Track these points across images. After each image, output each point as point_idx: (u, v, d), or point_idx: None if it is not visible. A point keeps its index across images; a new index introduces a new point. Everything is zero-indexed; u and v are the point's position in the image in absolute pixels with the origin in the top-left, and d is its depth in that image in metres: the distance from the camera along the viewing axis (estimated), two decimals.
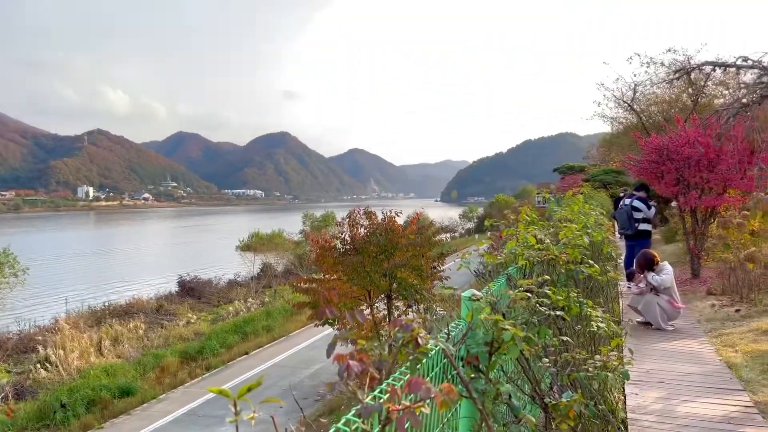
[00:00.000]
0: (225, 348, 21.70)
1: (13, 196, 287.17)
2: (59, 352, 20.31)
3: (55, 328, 23.87)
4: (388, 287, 14.68)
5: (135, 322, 25.59)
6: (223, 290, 35.50)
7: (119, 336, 23.41)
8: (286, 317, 25.73)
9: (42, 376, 19.04)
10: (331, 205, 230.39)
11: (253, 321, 24.75)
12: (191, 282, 35.12)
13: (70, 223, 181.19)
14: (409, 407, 1.35)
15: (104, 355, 21.31)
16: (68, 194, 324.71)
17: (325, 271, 15.33)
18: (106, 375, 18.07)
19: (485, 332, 2.38)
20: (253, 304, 30.56)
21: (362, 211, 15.46)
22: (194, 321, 27.63)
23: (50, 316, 27.69)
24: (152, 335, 24.24)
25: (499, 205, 64.05)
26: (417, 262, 14.58)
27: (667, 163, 10.81)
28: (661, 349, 6.60)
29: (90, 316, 27.23)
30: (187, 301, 31.95)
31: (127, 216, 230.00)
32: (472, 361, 2.38)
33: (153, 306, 30.15)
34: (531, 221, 4.83)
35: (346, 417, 1.44)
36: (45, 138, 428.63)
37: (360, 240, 14.72)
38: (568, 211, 6.13)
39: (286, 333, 24.05)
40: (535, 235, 3.97)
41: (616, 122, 28.83)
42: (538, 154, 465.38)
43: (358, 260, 14.18)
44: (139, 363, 19.72)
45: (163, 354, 20.61)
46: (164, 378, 18.55)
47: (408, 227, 15.22)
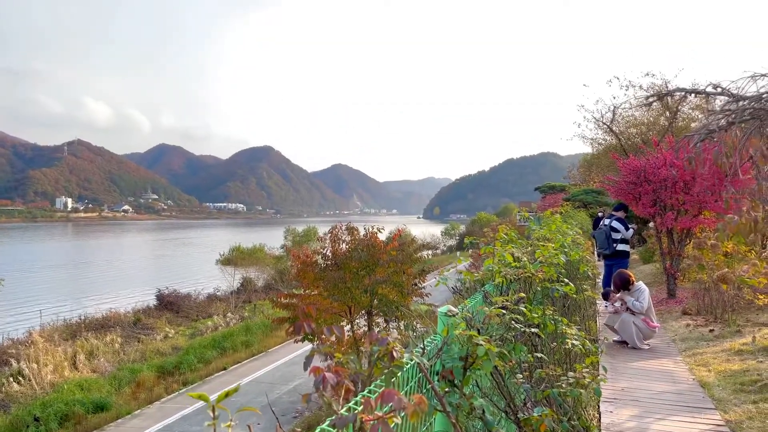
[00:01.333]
0: (203, 363, 21.47)
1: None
2: (32, 366, 19.91)
3: (29, 341, 23.40)
4: (368, 303, 14.68)
5: (111, 335, 25.21)
6: (203, 304, 35.11)
7: (95, 350, 23.04)
8: (266, 333, 25.54)
9: (14, 389, 18.64)
10: (313, 220, 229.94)
11: (232, 336, 24.52)
12: (170, 296, 34.70)
13: (46, 234, 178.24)
14: (383, 417, 1.39)
15: (79, 370, 20.94)
16: (46, 205, 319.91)
17: (306, 286, 15.29)
18: (81, 389, 17.76)
19: (460, 347, 2.44)
20: (233, 318, 30.29)
21: (344, 227, 15.49)
22: (172, 335, 27.30)
23: (24, 329, 27.15)
24: (129, 349, 23.88)
25: (480, 222, 64.50)
26: (398, 278, 14.61)
27: (644, 185, 11.03)
28: (637, 368, 6.70)
29: (65, 330, 26.76)
30: (165, 315, 31.55)
31: (106, 228, 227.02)
32: (446, 375, 2.43)
33: (130, 319, 29.73)
34: (509, 239, 4.91)
35: (321, 427, 1.47)
36: (24, 148, 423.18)
37: (341, 255, 14.72)
38: (546, 230, 6.23)
39: (266, 348, 23.86)
40: (512, 253, 4.05)
41: (596, 143, 29.36)
42: (520, 173, 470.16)
43: (339, 276, 14.17)
44: (114, 377, 19.41)
45: (139, 368, 20.33)
46: (140, 393, 18.29)
47: (389, 243, 15.27)
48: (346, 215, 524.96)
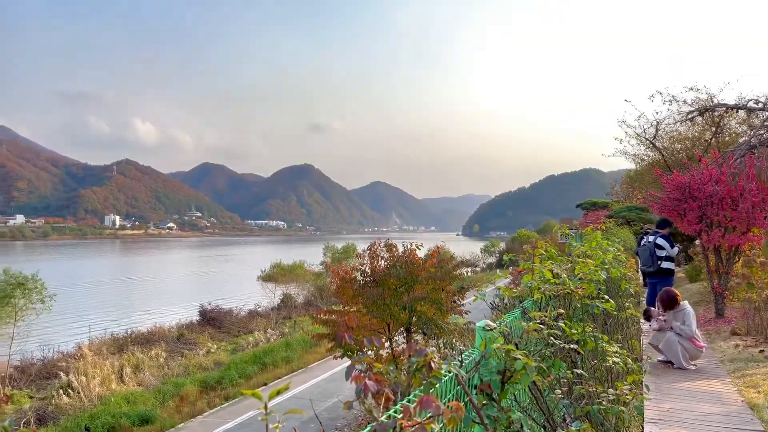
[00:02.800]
0: (244, 378, 21.75)
1: (42, 223, 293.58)
2: (81, 379, 20.55)
3: (78, 355, 24.21)
4: (407, 320, 14.68)
5: (156, 350, 25.83)
6: (244, 320, 35.67)
7: (140, 363, 23.62)
8: (306, 349, 25.73)
9: (64, 402, 19.25)
10: (352, 237, 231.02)
11: (272, 352, 24.80)
12: (212, 311, 35.39)
13: (96, 251, 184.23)
14: (421, 423, 1.46)
15: (125, 383, 21.50)
16: (96, 222, 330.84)
17: (345, 302, 15.39)
18: (127, 402, 18.22)
19: (498, 361, 2.48)
20: (273, 334, 30.63)
21: (383, 244, 15.58)
22: (214, 350, 27.77)
23: (74, 343, 28.09)
24: (173, 363, 24.40)
25: (521, 239, 63.71)
26: (437, 295, 14.58)
27: (689, 201, 10.78)
28: (682, 388, 6.53)
29: (112, 343, 27.57)
30: (207, 330, 32.16)
31: (152, 245, 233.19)
32: (485, 388, 2.47)
33: (174, 334, 30.42)
34: (548, 256, 4.91)
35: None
36: (75, 167, 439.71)
37: (380, 272, 14.79)
38: (587, 246, 6.18)
39: (306, 365, 24.03)
40: (551, 269, 4.06)
41: (638, 159, 28.80)
42: (562, 189, 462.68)
43: (378, 292, 14.23)
44: (159, 391, 19.84)
45: (182, 383, 20.72)
46: (183, 407, 18.63)
47: (428, 260, 15.27)
48: (384, 232, 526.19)
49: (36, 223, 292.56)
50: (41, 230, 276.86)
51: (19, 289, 21.18)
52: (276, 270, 41.65)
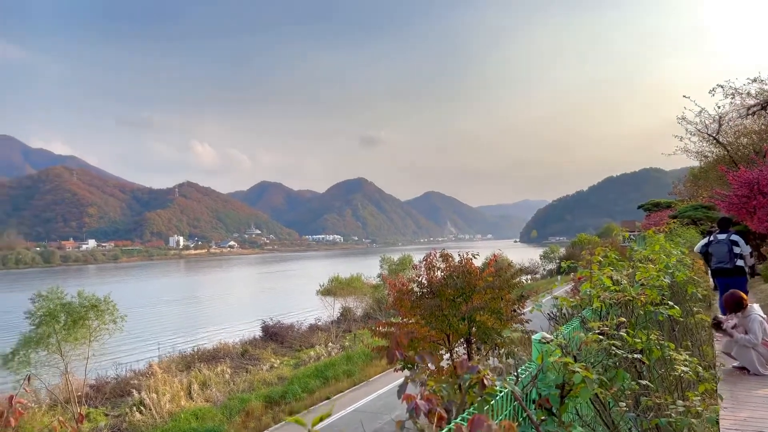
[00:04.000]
0: (307, 393, 21.98)
1: (112, 247, 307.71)
2: (152, 396, 21.28)
3: (149, 373, 25.12)
4: (467, 331, 14.51)
5: (221, 366, 26.48)
6: (305, 335, 36.15)
7: (207, 380, 24.26)
8: (367, 362, 25.79)
9: (137, 419, 19.96)
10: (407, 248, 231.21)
11: (333, 366, 24.98)
12: (274, 327, 36.06)
13: (162, 271, 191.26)
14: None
15: (193, 399, 22.11)
16: (161, 244, 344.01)
17: (403, 314, 15.35)
18: (196, 419, 18.72)
19: (556, 375, 2.41)
20: (334, 348, 30.88)
21: (438, 254, 15.49)
22: (277, 365, 28.22)
23: (144, 361, 29.18)
24: (238, 379, 24.93)
25: (581, 244, 62.05)
26: (496, 305, 14.36)
27: (759, 198, 10.25)
28: (761, 396, 6.18)
29: (180, 361, 28.45)
30: (270, 346, 32.75)
31: (214, 263, 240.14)
32: (543, 403, 2.40)
33: (238, 351, 31.13)
34: (608, 261, 4.76)
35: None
36: (140, 192, 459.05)
37: (437, 283, 14.71)
38: (649, 250, 5.96)
39: (367, 378, 24.07)
40: (610, 276, 3.93)
41: (701, 156, 27.59)
42: (621, 191, 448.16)
43: (436, 303, 14.14)
44: (225, 407, 20.30)
45: (248, 398, 21.13)
46: (249, 422, 18.97)
47: (485, 269, 15.07)
48: (440, 242, 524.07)
49: (106, 247, 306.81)
50: (111, 253, 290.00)
51: (92, 310, 22.09)
52: (334, 284, 42.11)
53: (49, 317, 21.34)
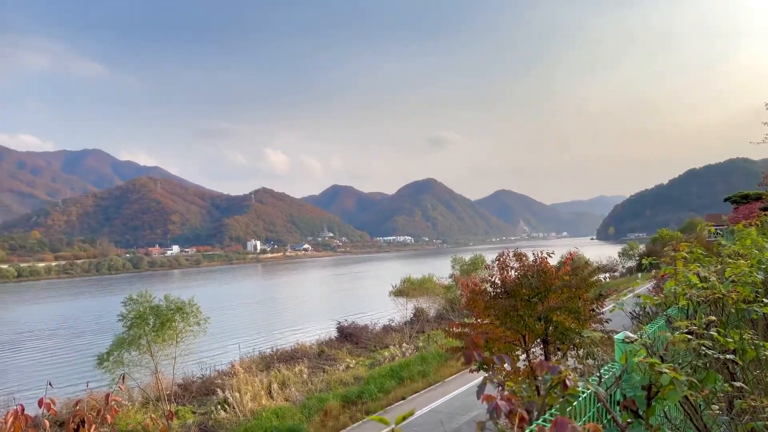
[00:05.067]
0: (383, 393, 22.16)
1: (194, 252, 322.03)
2: (235, 395, 22.10)
3: (231, 372, 26.12)
4: (543, 331, 14.18)
5: (299, 366, 27.15)
6: (379, 335, 36.46)
7: (286, 380, 24.93)
8: (441, 362, 25.72)
9: (221, 416, 20.78)
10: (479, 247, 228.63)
11: (408, 366, 25.05)
12: (349, 327, 36.60)
13: (241, 274, 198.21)
14: None
15: (274, 398, 22.77)
16: (239, 248, 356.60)
17: (477, 315, 15.18)
18: (276, 417, 19.27)
19: (642, 376, 2.32)
20: (408, 348, 30.96)
21: (512, 253, 15.22)
22: (353, 366, 28.61)
23: (227, 361, 30.33)
24: (315, 379, 25.47)
25: (662, 240, 59.22)
26: (573, 304, 13.94)
27: None
28: None
29: (260, 361, 29.39)
30: (345, 346, 33.26)
31: (290, 266, 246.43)
32: (629, 405, 2.32)
33: (315, 351, 31.81)
34: (695, 257, 4.54)
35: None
36: (219, 199, 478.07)
37: (511, 283, 14.45)
38: (739, 245, 5.62)
39: (442, 378, 23.99)
40: (697, 273, 3.75)
41: None
42: (705, 183, 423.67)
43: (510, 304, 13.90)
44: (304, 406, 20.78)
45: (325, 398, 21.54)
46: (328, 421, 19.34)
47: (561, 268, 14.68)
48: (512, 241, 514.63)
49: (189, 252, 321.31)
50: (194, 258, 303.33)
51: (178, 313, 23.23)
52: (406, 284, 42.22)
53: (139, 320, 22.63)
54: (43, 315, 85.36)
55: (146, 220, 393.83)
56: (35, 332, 63.72)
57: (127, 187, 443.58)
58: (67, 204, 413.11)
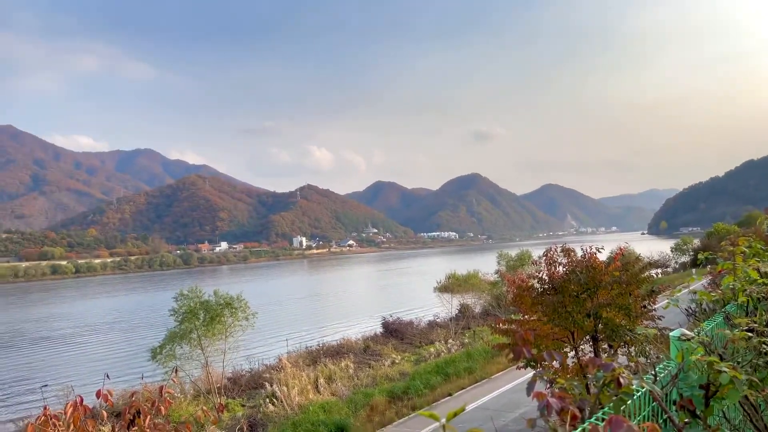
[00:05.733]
0: (429, 389, 22.12)
1: (242, 248, 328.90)
2: (283, 389, 22.48)
3: (279, 367, 26.58)
4: (592, 328, 13.88)
5: (345, 361, 27.40)
6: (424, 331, 36.45)
7: (332, 374, 25.21)
8: (487, 359, 25.50)
9: (270, 410, 21.17)
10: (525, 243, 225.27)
11: (454, 362, 24.94)
12: (394, 323, 36.71)
13: (288, 270, 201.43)
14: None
15: (320, 393, 23.06)
16: (285, 244, 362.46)
17: (524, 311, 14.99)
18: (323, 411, 19.49)
19: (699, 375, 2.25)
20: (453, 345, 30.84)
21: (559, 249, 14.94)
22: (398, 361, 28.68)
23: (274, 356, 30.90)
24: (361, 374, 25.66)
25: (718, 234, 57.09)
26: (624, 300, 13.60)
27: None
28: None
29: (307, 356, 29.81)
30: (390, 342, 33.38)
31: (335, 262, 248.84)
32: (685, 405, 2.25)
33: (361, 346, 32.05)
34: (755, 252, 4.36)
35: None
36: (265, 196, 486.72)
37: (558, 279, 14.18)
38: None
39: (488, 375, 23.80)
40: (757, 268, 3.59)
41: None
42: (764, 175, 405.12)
43: (558, 300, 13.65)
44: (350, 401, 20.95)
45: (371, 393, 21.65)
46: (374, 416, 19.44)
47: (611, 264, 14.32)
48: (560, 236, 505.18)
49: (237, 249, 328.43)
50: (241, 255, 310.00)
51: (227, 308, 23.79)
52: (451, 280, 42.02)
53: (190, 314, 23.30)
54: (100, 310, 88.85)
55: (195, 217, 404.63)
56: (93, 326, 66.41)
57: (177, 185, 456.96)
58: (121, 202, 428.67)
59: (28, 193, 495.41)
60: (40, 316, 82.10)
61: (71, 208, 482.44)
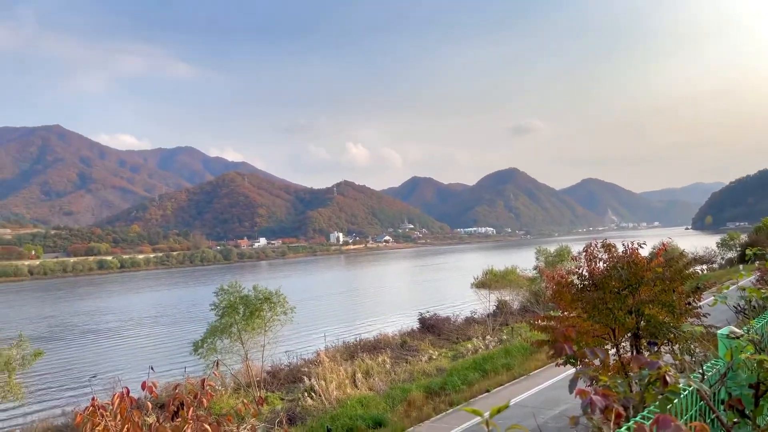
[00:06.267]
0: (466, 385, 22.05)
1: (280, 244, 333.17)
2: (321, 383, 22.72)
3: (317, 361, 26.86)
4: (634, 325, 13.58)
5: (382, 356, 27.50)
6: (461, 327, 36.29)
7: (370, 369, 25.34)
8: (525, 356, 25.26)
9: (308, 403, 21.43)
10: (564, 238, 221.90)
11: (492, 359, 24.78)
12: (431, 319, 36.65)
13: (325, 265, 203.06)
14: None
15: (358, 387, 23.22)
16: (322, 240, 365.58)
17: (563, 308, 14.77)
18: (361, 406, 19.64)
19: (749, 373, 2.18)
20: (491, 341, 30.63)
21: (599, 244, 14.65)
22: (435, 357, 28.65)
23: (312, 350, 31.22)
24: (398, 369, 25.72)
25: (767, 229, 55.09)
26: (667, 297, 13.25)
27: None
28: None
29: (345, 350, 30.03)
30: (427, 337, 33.34)
31: (371, 258, 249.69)
32: (734, 404, 2.19)
33: (397, 341, 32.11)
34: None
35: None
36: (303, 192, 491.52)
37: (599, 275, 13.91)
38: None
39: (526, 372, 23.57)
40: None
41: None
42: None
43: (599, 296, 13.40)
44: (388, 396, 21.04)
45: (409, 388, 21.70)
46: (411, 411, 19.48)
47: (654, 259, 13.97)
48: (600, 232, 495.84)
49: (275, 244, 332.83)
50: (279, 250, 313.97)
51: (266, 303, 24.16)
52: (489, 276, 41.68)
53: (230, 309, 23.74)
54: (143, 304, 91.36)
55: (235, 213, 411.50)
56: (137, 320, 68.34)
57: (217, 182, 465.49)
58: (163, 199, 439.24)
59: (76, 191, 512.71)
60: (87, 310, 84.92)
61: (116, 204, 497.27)
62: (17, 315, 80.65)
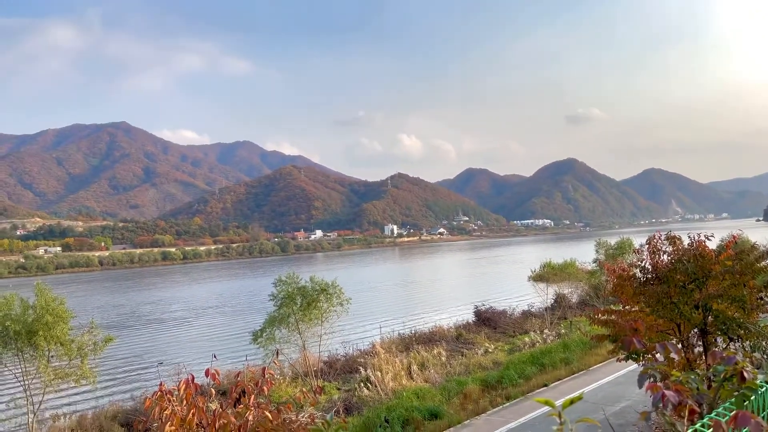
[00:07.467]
0: (523, 379, 21.79)
1: (336, 236, 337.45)
2: (377, 374, 22.92)
3: (373, 352, 27.10)
4: (701, 321, 13.06)
5: (438, 348, 27.49)
6: (518, 320, 35.83)
7: (425, 361, 25.39)
8: (585, 350, 24.73)
9: (364, 394, 21.67)
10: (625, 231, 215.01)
11: (550, 353, 24.38)
12: (486, 312, 36.34)
13: (379, 257, 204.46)
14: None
15: (413, 379, 23.30)
16: (377, 232, 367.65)
17: (625, 302, 14.38)
18: (416, 397, 19.71)
19: None
20: (549, 335, 30.10)
21: (663, 236, 14.15)
22: (491, 350, 28.41)
23: (368, 341, 31.53)
24: (453, 362, 25.64)
25: None
26: (737, 292, 12.67)
27: None
28: None
29: (400, 342, 30.18)
30: (483, 331, 33.09)
31: (426, 250, 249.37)
32: None
33: (453, 334, 32.02)
34: None
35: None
36: (357, 185, 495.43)
37: (663, 268, 13.44)
38: None
39: (586, 367, 23.07)
40: None
41: None
42: None
43: (663, 290, 12.95)
44: (443, 388, 21.03)
45: (464, 381, 21.62)
46: (467, 404, 19.42)
47: (722, 252, 13.38)
48: (663, 224, 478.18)
49: (331, 237, 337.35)
50: (335, 242, 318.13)
51: (322, 294, 24.56)
52: (546, 269, 40.91)
53: (288, 299, 24.28)
54: (206, 294, 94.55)
55: (292, 206, 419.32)
56: (200, 309, 70.80)
57: (274, 175, 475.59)
58: (223, 192, 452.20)
59: (141, 185, 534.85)
60: (154, 300, 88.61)
61: (178, 198, 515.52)
62: (89, 304, 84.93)
